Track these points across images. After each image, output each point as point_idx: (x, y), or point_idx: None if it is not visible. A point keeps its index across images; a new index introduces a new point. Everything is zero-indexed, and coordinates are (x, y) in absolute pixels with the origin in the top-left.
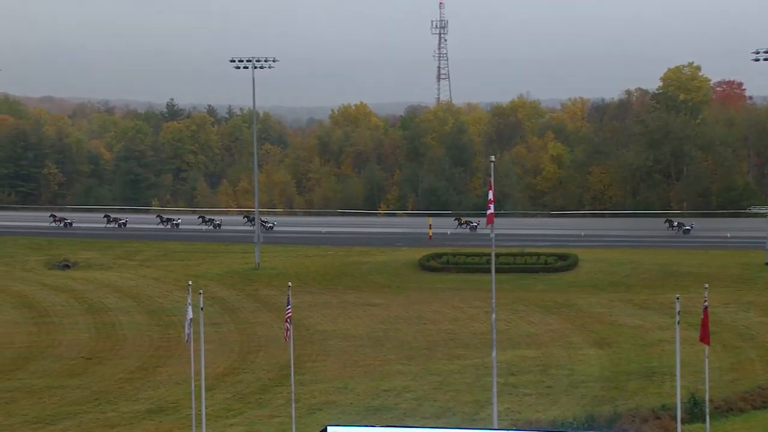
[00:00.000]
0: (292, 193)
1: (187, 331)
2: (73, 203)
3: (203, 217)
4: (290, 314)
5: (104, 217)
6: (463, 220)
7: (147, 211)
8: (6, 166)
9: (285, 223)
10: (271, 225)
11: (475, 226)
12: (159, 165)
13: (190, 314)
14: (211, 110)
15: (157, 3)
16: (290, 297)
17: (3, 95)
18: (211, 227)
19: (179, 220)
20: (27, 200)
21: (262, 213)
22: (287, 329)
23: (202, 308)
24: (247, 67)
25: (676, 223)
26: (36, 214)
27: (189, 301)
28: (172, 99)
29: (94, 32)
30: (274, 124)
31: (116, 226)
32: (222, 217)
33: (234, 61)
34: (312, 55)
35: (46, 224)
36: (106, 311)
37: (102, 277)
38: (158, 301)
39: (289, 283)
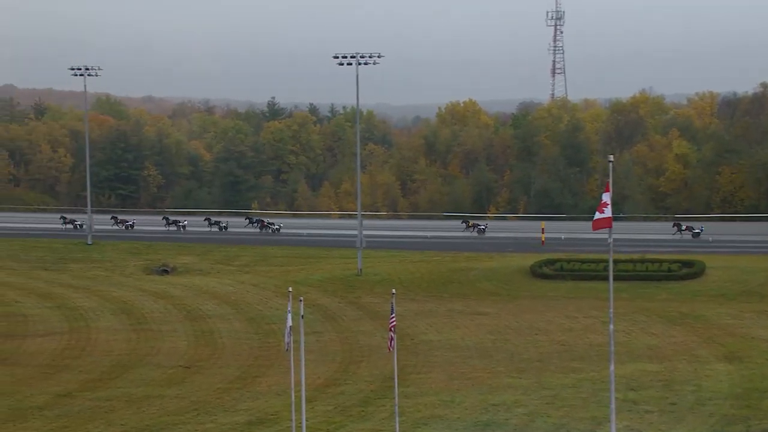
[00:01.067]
0: (397, 195)
1: (287, 339)
2: (173, 206)
3: (209, 219)
4: (394, 323)
5: (111, 218)
6: (471, 222)
7: (247, 215)
8: (106, 168)
9: (388, 227)
10: (278, 227)
11: (483, 228)
12: (259, 166)
13: (290, 322)
14: (312, 109)
15: (257, 1)
16: (394, 305)
17: (105, 95)
18: (216, 229)
19: (185, 222)
20: (126, 203)
21: (262, 215)
22: (391, 338)
23: (302, 316)
24: (350, 64)
25: (684, 227)
26: (135, 218)
27: (289, 308)
28: (273, 98)
29: (195, 32)
30: (379, 123)
31: (123, 228)
32: (228, 219)
33: (337, 57)
34: (418, 51)
35: (145, 228)
36: (205, 318)
37: (200, 282)
38: (257, 308)
39: (393, 290)
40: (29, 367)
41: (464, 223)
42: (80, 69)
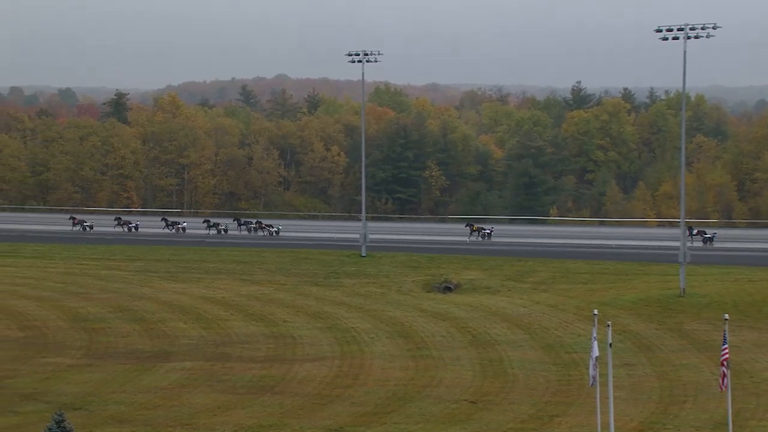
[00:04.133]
0: (732, 198)
1: (591, 372)
2: (457, 212)
3: (208, 221)
4: (727, 356)
5: (114, 219)
6: (476, 226)
7: (544, 222)
8: (383, 168)
9: (719, 238)
10: (276, 230)
11: (489, 233)
12: (560, 165)
13: (596, 351)
14: (627, 94)
15: None
16: (727, 333)
17: (383, 84)
18: (216, 232)
19: (185, 224)
20: (405, 208)
21: (262, 217)
22: (723, 375)
23: (610, 344)
24: (677, 38)
25: (696, 231)
26: (415, 225)
27: (594, 335)
28: (578, 82)
29: (485, 12)
30: (711, 110)
31: (125, 230)
32: (228, 221)
33: (660, 30)
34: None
35: (423, 238)
36: (493, 344)
37: (488, 302)
38: (555, 334)
39: (726, 316)
40: (298, 396)
41: (468, 227)
42: (358, 55)
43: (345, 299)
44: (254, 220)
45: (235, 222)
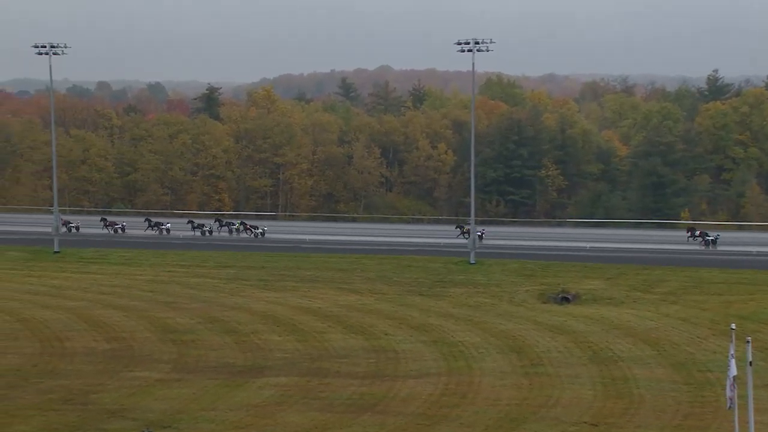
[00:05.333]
0: None
1: (729, 393)
2: (576, 215)
3: (192, 222)
4: None
5: (101, 220)
6: (466, 228)
7: (674, 226)
8: (495, 167)
9: None
10: (262, 231)
11: (480, 235)
12: (692, 163)
13: (734, 370)
14: None
15: None
16: None
17: (495, 75)
18: (200, 234)
19: (168, 225)
20: (519, 211)
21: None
22: None
23: (750, 363)
24: None
25: (698, 233)
26: (529, 230)
27: (732, 351)
28: (715, 71)
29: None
30: None
31: (112, 231)
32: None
33: None
34: None
35: (538, 244)
36: (616, 361)
37: (610, 314)
38: (687, 351)
39: None
40: (401, 416)
41: (458, 228)
42: (468, 43)
43: (452, 310)
44: (237, 221)
45: (216, 222)
